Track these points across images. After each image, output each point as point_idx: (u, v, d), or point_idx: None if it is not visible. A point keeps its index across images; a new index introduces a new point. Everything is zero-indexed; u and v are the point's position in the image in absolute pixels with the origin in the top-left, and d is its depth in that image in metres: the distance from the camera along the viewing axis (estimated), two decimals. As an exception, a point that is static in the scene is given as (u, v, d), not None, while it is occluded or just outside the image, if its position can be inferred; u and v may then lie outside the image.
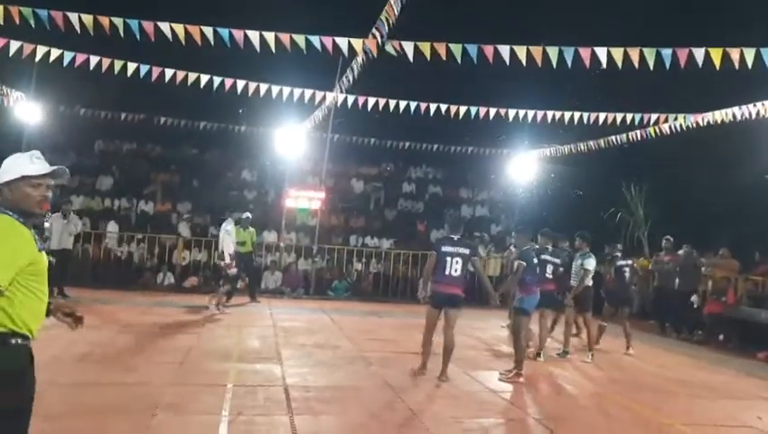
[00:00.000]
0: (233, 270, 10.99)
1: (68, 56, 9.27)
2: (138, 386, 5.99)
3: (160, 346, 7.94)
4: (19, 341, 2.57)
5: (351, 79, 8.95)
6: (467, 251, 6.94)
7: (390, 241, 17.76)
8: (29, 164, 2.68)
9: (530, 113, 11.14)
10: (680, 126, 10.91)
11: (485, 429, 5.41)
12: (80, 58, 9.35)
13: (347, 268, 16.04)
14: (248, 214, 13.30)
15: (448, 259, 6.84)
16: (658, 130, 11.41)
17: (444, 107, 11.18)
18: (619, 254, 10.09)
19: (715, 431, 5.71)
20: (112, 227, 15.71)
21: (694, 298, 12.14)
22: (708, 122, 10.40)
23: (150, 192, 17.76)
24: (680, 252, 12.58)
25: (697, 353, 10.43)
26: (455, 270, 6.81)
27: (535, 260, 7.68)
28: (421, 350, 7.15)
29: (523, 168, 16.93)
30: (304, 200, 15.94)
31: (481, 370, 7.78)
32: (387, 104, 10.97)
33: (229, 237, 10.97)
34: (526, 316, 7.53)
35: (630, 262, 10.20)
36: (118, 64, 9.55)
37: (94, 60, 9.49)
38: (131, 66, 9.54)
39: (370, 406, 5.81)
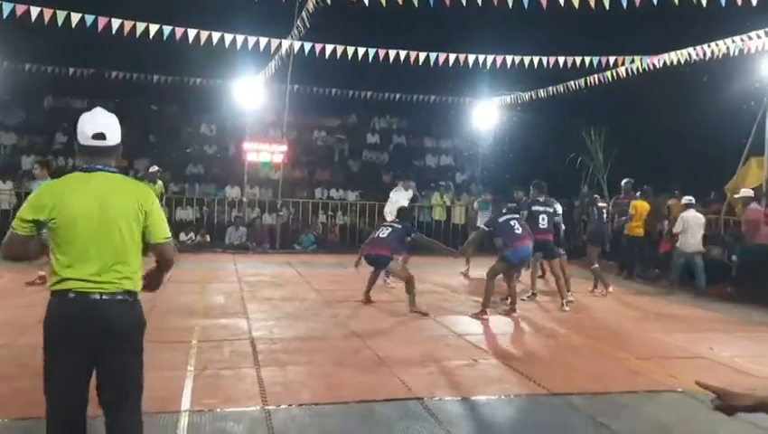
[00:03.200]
0: None
1: (6, 7, 8.79)
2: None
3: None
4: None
5: (306, 25, 8.69)
6: (399, 226, 8.45)
7: (356, 193, 17.73)
8: None
9: (489, 58, 11.06)
10: (637, 68, 10.99)
11: (451, 370, 5.53)
12: (20, 9, 8.88)
13: (312, 221, 15.99)
14: (156, 167, 12.40)
15: (382, 227, 8.61)
16: (615, 73, 11.47)
17: (403, 53, 11.02)
18: (597, 196, 10.78)
19: (669, 363, 5.94)
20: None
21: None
22: (665, 63, 10.49)
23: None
24: (639, 194, 12.84)
25: (653, 290, 10.78)
26: (382, 233, 8.35)
27: (512, 222, 7.95)
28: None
29: (486, 116, 16.92)
30: (267, 153, 15.70)
31: (447, 314, 7.92)
32: (345, 51, 10.73)
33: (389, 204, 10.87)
34: (504, 265, 7.97)
35: (605, 205, 10.63)
36: (61, 15, 9.08)
37: (35, 11, 9.01)
38: (75, 17, 9.08)
39: (337, 355, 5.87)
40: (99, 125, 2.84)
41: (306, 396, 4.67)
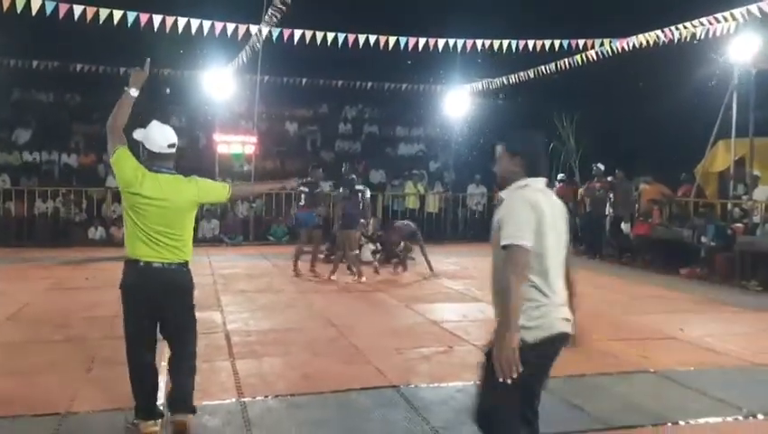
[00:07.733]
0: None
1: (-37, -2, 8.47)
2: (72, 342, 5.81)
3: (93, 301, 7.68)
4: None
5: (276, 12, 8.54)
6: None
7: (329, 184, 17.59)
8: None
9: (459, 42, 11.03)
10: (607, 51, 11.05)
11: (426, 357, 5.54)
12: (-23, 0, 8.56)
13: (286, 212, 15.85)
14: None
15: None
16: (585, 57, 11.53)
17: (372, 38, 10.92)
18: (354, 177, 10.64)
19: (641, 344, 6.02)
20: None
21: (624, 226, 12.58)
22: (634, 45, 10.56)
23: (73, 143, 16.94)
24: (610, 178, 12.99)
25: (625, 273, 10.93)
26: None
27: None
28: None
29: (457, 103, 16.91)
30: (238, 145, 15.53)
31: (422, 303, 7.94)
32: (314, 36, 10.58)
33: None
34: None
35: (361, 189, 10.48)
36: (20, 3, 8.74)
37: (-7, 0, 8.69)
38: (35, 4, 8.75)
39: (314, 345, 5.84)
40: (171, 136, 3.79)
41: (282, 387, 4.63)
